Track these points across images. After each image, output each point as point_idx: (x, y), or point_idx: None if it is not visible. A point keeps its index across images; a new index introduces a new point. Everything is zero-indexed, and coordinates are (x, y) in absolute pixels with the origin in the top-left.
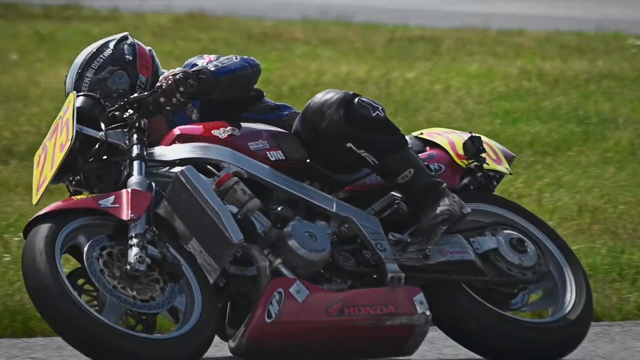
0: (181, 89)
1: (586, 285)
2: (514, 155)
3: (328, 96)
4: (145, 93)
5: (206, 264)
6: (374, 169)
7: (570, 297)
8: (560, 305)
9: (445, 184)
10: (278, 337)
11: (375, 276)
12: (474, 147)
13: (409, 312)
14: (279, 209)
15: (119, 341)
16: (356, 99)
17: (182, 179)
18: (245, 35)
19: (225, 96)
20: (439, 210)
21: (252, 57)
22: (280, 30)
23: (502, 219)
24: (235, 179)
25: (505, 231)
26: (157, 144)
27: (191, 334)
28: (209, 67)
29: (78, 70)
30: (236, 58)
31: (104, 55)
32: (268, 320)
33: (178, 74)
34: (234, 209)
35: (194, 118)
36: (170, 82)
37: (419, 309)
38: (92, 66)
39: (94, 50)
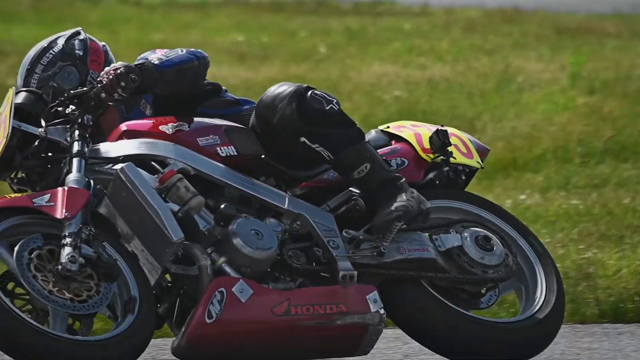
0: (122, 83)
1: (558, 283)
2: (488, 148)
3: (280, 89)
4: (85, 88)
5: (148, 263)
6: (330, 164)
7: (540, 295)
8: (530, 304)
9: (403, 179)
10: (219, 338)
11: (327, 274)
12: (439, 141)
13: (362, 310)
14: (222, 206)
15: (48, 344)
16: (309, 92)
17: (122, 176)
18: (556, 29)
19: (173, 90)
20: (394, 206)
21: (199, 50)
22: (592, 24)
23: (472, 216)
24: (179, 176)
25: (472, 228)
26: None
27: (126, 334)
28: (152, 61)
29: (27, 66)
30: (182, 51)
31: (53, 51)
32: (208, 321)
33: (119, 68)
34: (176, 207)
35: (147, 114)
36: (111, 76)
37: (373, 308)
38: (42, 62)
39: (44, 45)
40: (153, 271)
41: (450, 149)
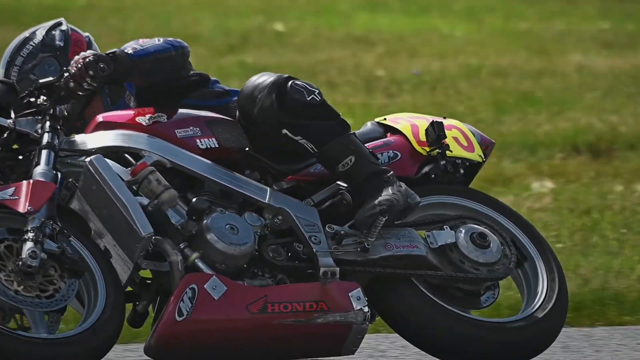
0: (90, 72)
1: (560, 281)
2: (493, 141)
3: (260, 80)
4: (52, 78)
5: (120, 259)
6: (314, 157)
7: (541, 293)
8: (530, 303)
9: (391, 173)
10: (190, 337)
11: (310, 271)
12: (434, 133)
13: (344, 308)
14: (194, 200)
15: (10, 345)
16: (289, 82)
17: (91, 169)
18: None
19: (150, 80)
20: (377, 200)
21: (178, 39)
22: None
23: (471, 212)
24: (151, 168)
25: (469, 225)
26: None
27: (89, 332)
28: (125, 50)
29: (8, 58)
30: (159, 40)
31: (33, 43)
32: (179, 319)
33: (88, 56)
34: (145, 201)
35: (132, 105)
36: (79, 65)
37: (356, 305)
38: (22, 54)
39: (26, 36)
40: (125, 267)
41: (447, 141)
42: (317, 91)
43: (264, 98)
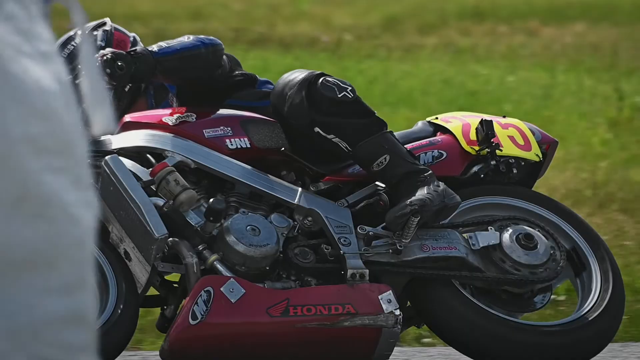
0: (108, 70)
1: (614, 284)
2: (555, 140)
3: (291, 77)
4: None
5: (139, 262)
6: (349, 156)
7: (594, 296)
8: (581, 306)
9: (429, 172)
10: (205, 341)
11: (341, 272)
12: (483, 132)
13: (373, 311)
14: (210, 201)
15: None
16: (320, 79)
17: (107, 169)
18: None
19: (178, 79)
20: (409, 200)
21: (210, 37)
22: None
23: (523, 213)
24: (170, 168)
25: (517, 226)
26: None
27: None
28: (150, 48)
29: None
30: (188, 38)
31: (75, 43)
32: (192, 322)
33: (106, 54)
34: (161, 202)
35: (174, 106)
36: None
37: (386, 308)
38: (62, 54)
39: (68, 37)
40: (144, 270)
41: (499, 140)
42: (350, 88)
43: (294, 95)
